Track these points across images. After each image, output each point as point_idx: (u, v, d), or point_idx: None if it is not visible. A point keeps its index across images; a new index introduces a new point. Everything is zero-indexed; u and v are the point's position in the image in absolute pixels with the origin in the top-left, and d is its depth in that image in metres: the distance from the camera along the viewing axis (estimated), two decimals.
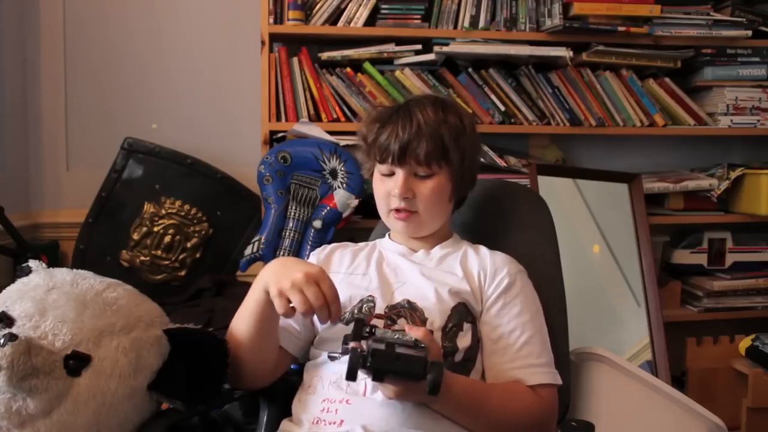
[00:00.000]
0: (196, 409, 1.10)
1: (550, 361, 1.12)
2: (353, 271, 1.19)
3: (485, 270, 1.16)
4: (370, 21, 2.14)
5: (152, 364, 1.02)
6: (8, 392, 0.91)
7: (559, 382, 1.11)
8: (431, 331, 1.00)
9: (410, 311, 1.09)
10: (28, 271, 1.09)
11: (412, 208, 1.17)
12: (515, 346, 1.10)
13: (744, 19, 2.26)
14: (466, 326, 1.09)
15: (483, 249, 1.22)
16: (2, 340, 0.89)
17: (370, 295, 1.12)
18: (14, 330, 0.94)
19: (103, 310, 1.01)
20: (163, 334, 1.04)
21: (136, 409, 1.02)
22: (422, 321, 1.08)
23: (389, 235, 1.28)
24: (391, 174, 1.18)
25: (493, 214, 1.36)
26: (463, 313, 1.10)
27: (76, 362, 0.95)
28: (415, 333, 0.93)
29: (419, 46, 2.15)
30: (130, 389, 0.99)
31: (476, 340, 1.10)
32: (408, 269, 1.18)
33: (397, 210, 1.17)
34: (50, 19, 2.22)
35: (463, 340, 1.08)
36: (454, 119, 1.18)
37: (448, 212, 1.24)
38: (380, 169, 1.19)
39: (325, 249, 1.27)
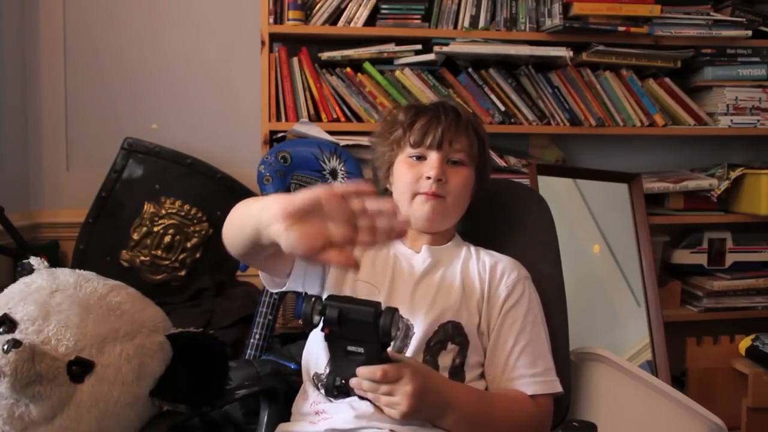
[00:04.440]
0: (200, 411, 1.10)
1: (546, 370, 1.11)
2: (368, 279, 1.16)
3: (487, 281, 1.15)
4: (370, 21, 2.14)
5: (155, 371, 1.02)
6: (11, 398, 0.91)
7: (557, 389, 1.11)
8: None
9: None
10: (29, 269, 1.09)
11: (443, 193, 1.16)
12: (512, 357, 1.10)
13: (744, 19, 2.26)
14: (451, 346, 1.08)
15: (485, 254, 1.20)
16: (6, 347, 0.89)
17: None
18: (17, 334, 0.94)
19: (107, 315, 1.00)
20: (166, 340, 1.04)
21: (139, 416, 1.02)
22: (409, 337, 1.08)
23: None
24: (422, 158, 1.18)
25: (493, 213, 1.36)
26: (451, 333, 1.09)
27: (80, 369, 0.94)
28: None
29: (419, 46, 2.15)
30: (132, 396, 0.99)
31: (461, 363, 1.09)
32: (407, 278, 1.16)
33: (427, 193, 1.15)
34: (50, 19, 2.22)
35: (445, 359, 1.07)
36: (483, 126, 1.26)
37: (464, 209, 1.23)
38: (410, 153, 1.19)
39: None
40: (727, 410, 1.88)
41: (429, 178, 1.15)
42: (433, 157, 1.16)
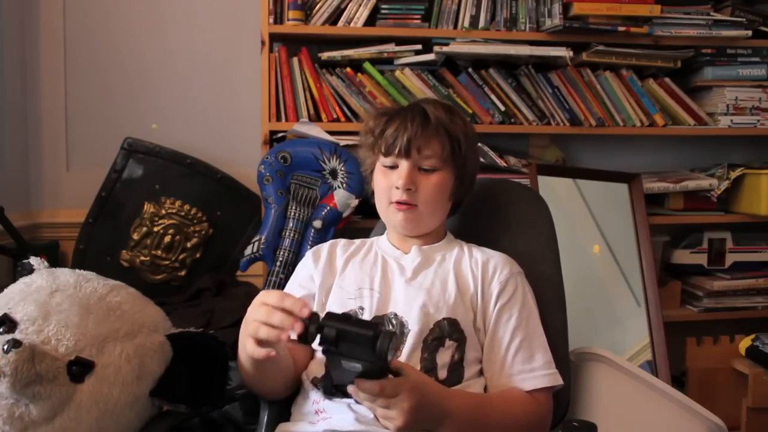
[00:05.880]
0: (200, 411, 1.10)
1: (545, 363, 1.11)
2: (360, 282, 1.17)
3: (480, 277, 1.16)
4: (370, 21, 2.14)
5: (155, 370, 1.02)
6: (11, 398, 0.91)
7: (558, 382, 1.11)
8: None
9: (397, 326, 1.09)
10: (29, 269, 1.09)
11: (413, 202, 1.16)
12: (509, 353, 1.10)
13: (744, 19, 2.26)
14: (449, 343, 1.09)
15: (477, 251, 1.21)
16: (6, 347, 0.89)
17: (360, 307, 1.13)
18: (17, 334, 0.94)
19: (107, 315, 1.00)
20: (166, 340, 1.04)
21: (139, 416, 1.02)
22: (404, 335, 1.08)
23: (387, 235, 1.28)
24: (394, 167, 1.18)
25: (493, 213, 1.36)
26: (448, 330, 1.09)
27: (80, 369, 0.95)
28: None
29: (419, 46, 2.15)
30: (132, 396, 0.99)
31: (459, 359, 1.09)
32: (398, 277, 1.17)
33: (398, 202, 1.17)
34: (50, 19, 2.22)
35: (443, 356, 1.07)
36: (460, 122, 1.21)
37: (446, 211, 1.24)
38: (384, 161, 1.19)
39: (323, 250, 1.25)
40: (727, 410, 1.88)
41: (398, 188, 1.16)
42: (403, 166, 1.16)
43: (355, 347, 0.86)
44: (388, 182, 1.18)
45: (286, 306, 0.89)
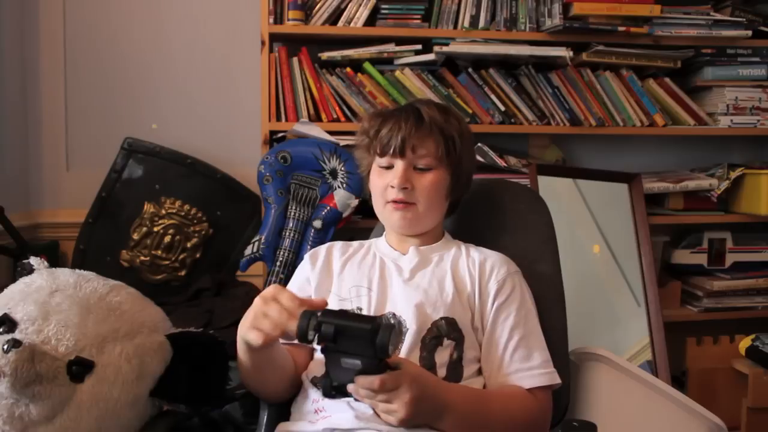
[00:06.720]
0: (200, 410, 1.10)
1: (543, 362, 1.11)
2: (358, 283, 1.18)
3: (477, 276, 1.16)
4: (370, 21, 2.14)
5: (155, 370, 1.02)
6: (11, 398, 0.91)
7: (556, 381, 1.11)
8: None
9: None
10: (29, 269, 1.09)
11: (410, 200, 1.17)
12: (507, 351, 1.10)
13: (744, 19, 2.26)
14: (447, 342, 1.09)
15: (474, 251, 1.21)
16: (6, 347, 0.89)
17: (358, 307, 1.14)
18: (17, 334, 0.94)
19: (107, 315, 1.00)
20: (165, 340, 1.04)
21: (138, 416, 1.02)
22: (402, 333, 1.08)
23: (385, 236, 1.28)
24: (390, 167, 1.18)
25: (492, 213, 1.36)
26: (446, 329, 1.10)
27: (80, 368, 0.95)
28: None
29: (419, 46, 2.15)
30: (132, 396, 0.99)
31: (458, 358, 1.09)
32: (396, 278, 1.17)
33: (395, 201, 1.17)
34: (50, 19, 2.22)
35: (442, 355, 1.08)
36: (455, 121, 1.22)
37: (443, 210, 1.24)
38: (379, 162, 1.20)
39: (320, 252, 1.25)
40: (727, 410, 1.88)
41: (393, 186, 1.16)
42: (399, 165, 1.17)
43: (355, 342, 0.86)
44: (383, 182, 1.18)
45: (283, 303, 0.93)
